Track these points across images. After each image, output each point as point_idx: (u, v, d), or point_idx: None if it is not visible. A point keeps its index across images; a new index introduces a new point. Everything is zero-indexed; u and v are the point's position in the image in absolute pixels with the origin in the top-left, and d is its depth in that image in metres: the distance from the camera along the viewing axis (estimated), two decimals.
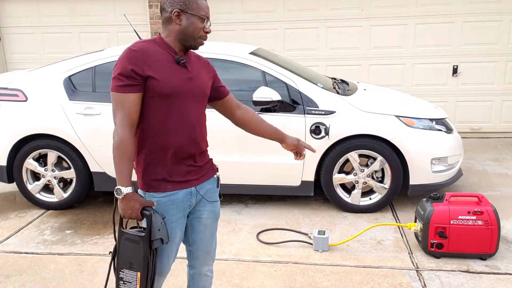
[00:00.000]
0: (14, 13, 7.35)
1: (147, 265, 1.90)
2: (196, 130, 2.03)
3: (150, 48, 1.93)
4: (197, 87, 2.02)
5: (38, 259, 3.43)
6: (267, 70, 4.07)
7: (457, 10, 6.39)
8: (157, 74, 1.90)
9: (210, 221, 2.15)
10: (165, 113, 1.94)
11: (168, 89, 1.91)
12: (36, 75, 4.32)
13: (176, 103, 1.95)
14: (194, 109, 2.01)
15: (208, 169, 2.13)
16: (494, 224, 3.16)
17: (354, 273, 3.13)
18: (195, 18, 1.95)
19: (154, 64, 1.90)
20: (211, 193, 2.13)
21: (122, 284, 1.96)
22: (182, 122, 1.97)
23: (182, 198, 2.01)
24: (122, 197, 1.87)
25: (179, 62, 1.97)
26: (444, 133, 4.08)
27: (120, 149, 1.85)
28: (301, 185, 4.09)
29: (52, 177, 4.27)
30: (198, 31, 1.97)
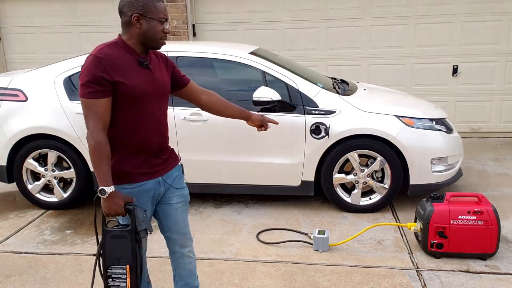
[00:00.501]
0: (14, 13, 7.34)
1: (136, 256, 2.01)
2: (162, 126, 2.18)
3: (115, 53, 2.01)
4: (160, 85, 2.15)
5: (38, 259, 3.43)
6: (267, 70, 4.07)
7: (457, 10, 6.39)
8: (125, 78, 2.00)
9: (180, 205, 2.31)
10: (134, 113, 2.07)
11: (137, 92, 2.03)
12: (36, 75, 4.32)
13: (145, 104, 2.08)
14: (160, 106, 2.16)
15: (172, 158, 2.28)
16: (494, 224, 3.15)
17: (354, 273, 3.13)
18: (154, 22, 2.05)
19: (121, 69, 2.00)
20: (178, 180, 2.29)
21: (111, 282, 2.02)
22: (151, 120, 2.11)
23: (151, 187, 2.16)
24: (106, 196, 1.96)
25: (143, 64, 2.08)
26: (444, 133, 4.08)
27: (98, 152, 1.97)
28: (301, 185, 4.09)
29: (52, 177, 4.27)
30: (158, 33, 2.07)
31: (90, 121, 1.98)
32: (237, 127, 3.96)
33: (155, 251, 3.50)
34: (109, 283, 2.02)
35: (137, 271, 2.03)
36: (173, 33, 6.86)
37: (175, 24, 6.85)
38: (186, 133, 4.05)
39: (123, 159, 2.10)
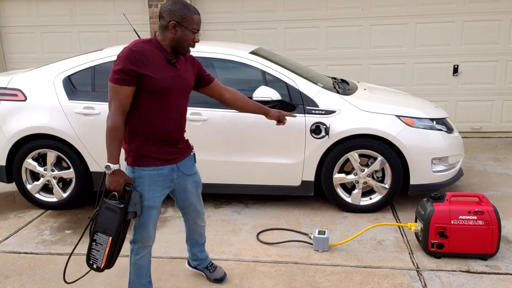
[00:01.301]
0: (14, 12, 7.34)
1: (119, 232, 2.30)
2: (181, 119, 2.46)
3: (147, 49, 2.29)
4: (183, 83, 2.42)
5: (38, 259, 3.42)
6: (267, 70, 4.06)
7: (457, 10, 6.38)
8: (152, 72, 2.27)
9: (194, 189, 2.68)
10: (156, 105, 2.34)
11: (160, 86, 2.30)
12: (35, 74, 4.31)
13: (166, 98, 2.35)
14: (180, 102, 2.43)
15: (186, 148, 2.59)
16: (495, 224, 3.14)
17: (354, 273, 3.12)
18: (188, 31, 2.33)
19: (150, 64, 2.27)
20: (190, 167, 2.61)
21: (94, 245, 2.33)
22: (170, 112, 2.38)
23: (166, 172, 2.46)
24: (110, 172, 2.24)
25: (170, 62, 2.36)
26: (444, 133, 4.07)
27: (112, 133, 2.23)
28: (301, 185, 4.08)
29: (51, 177, 4.26)
30: (189, 42, 2.36)
31: (112, 104, 2.24)
32: (237, 127, 3.95)
33: (155, 251, 3.49)
34: (92, 245, 2.34)
35: (116, 244, 2.32)
36: None
37: None
38: (186, 133, 4.04)
39: (145, 145, 2.38)
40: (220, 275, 3.02)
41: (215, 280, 3.01)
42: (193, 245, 2.96)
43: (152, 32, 6.89)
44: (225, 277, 3.04)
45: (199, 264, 3.05)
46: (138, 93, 2.29)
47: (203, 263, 3.04)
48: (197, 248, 2.97)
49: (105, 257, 2.31)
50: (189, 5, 2.35)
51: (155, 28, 6.87)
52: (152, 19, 6.86)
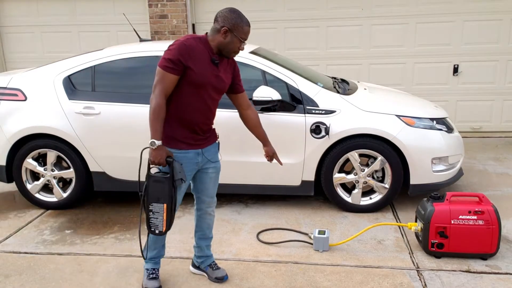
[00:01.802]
0: (14, 12, 7.34)
1: (171, 198, 2.59)
2: (211, 113, 2.73)
3: (196, 46, 2.57)
4: (220, 82, 2.68)
5: (38, 259, 3.42)
6: (267, 70, 4.06)
7: (457, 9, 6.38)
8: (195, 67, 2.55)
9: (214, 175, 2.90)
10: (193, 96, 2.62)
11: (200, 80, 2.58)
12: (35, 74, 4.31)
13: (203, 92, 2.62)
14: (214, 98, 2.70)
15: (212, 136, 2.85)
16: (495, 223, 3.14)
17: (354, 273, 3.12)
18: (236, 39, 2.58)
19: (196, 59, 2.55)
20: (213, 154, 2.87)
21: (151, 215, 2.62)
22: (203, 106, 2.66)
23: (192, 156, 2.72)
24: (155, 147, 2.51)
25: (214, 62, 2.63)
26: (444, 133, 4.07)
27: (156, 111, 2.50)
28: (301, 184, 4.08)
29: (51, 177, 4.26)
30: (234, 48, 2.62)
31: (158, 86, 2.52)
32: (237, 127, 3.94)
33: None
34: (150, 215, 2.62)
35: (171, 209, 2.61)
36: (173, 32, 6.85)
37: (175, 24, 6.84)
38: None
39: (176, 129, 2.65)
40: (222, 274, 3.04)
41: (216, 279, 3.02)
42: (200, 238, 3.04)
43: (152, 32, 6.89)
44: (226, 278, 3.04)
45: (203, 262, 3.09)
46: (180, 83, 2.56)
47: (206, 261, 3.09)
48: (204, 241, 3.05)
49: (164, 221, 2.61)
50: (243, 16, 2.59)
51: (155, 28, 6.87)
52: (152, 18, 6.86)
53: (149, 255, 2.92)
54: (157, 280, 2.94)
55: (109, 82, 4.15)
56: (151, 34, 6.91)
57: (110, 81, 4.15)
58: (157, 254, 2.94)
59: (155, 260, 2.96)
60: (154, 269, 2.97)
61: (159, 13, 6.83)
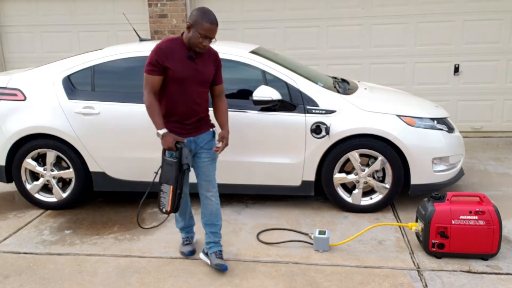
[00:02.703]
0: (13, 12, 7.33)
1: (177, 181, 2.90)
2: (197, 105, 3.00)
3: (172, 46, 2.89)
4: (199, 75, 2.96)
5: (37, 259, 3.42)
6: (267, 69, 4.05)
7: (458, 9, 6.37)
8: (173, 65, 2.87)
9: (207, 160, 3.13)
10: (176, 91, 2.93)
11: (178, 76, 2.90)
12: (35, 74, 4.30)
13: (185, 86, 2.93)
14: (198, 90, 2.98)
15: (205, 125, 3.13)
16: (496, 224, 3.13)
17: (355, 273, 3.11)
18: (196, 34, 2.83)
19: (172, 58, 2.87)
20: (207, 141, 3.13)
21: (161, 194, 2.95)
22: (186, 99, 2.96)
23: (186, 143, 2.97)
24: (161, 136, 2.87)
25: (190, 57, 2.92)
26: (445, 133, 4.06)
27: (150, 109, 2.89)
28: (302, 185, 4.07)
29: (51, 177, 4.25)
30: (197, 43, 2.86)
31: (145, 88, 2.90)
32: (237, 127, 3.94)
33: (154, 251, 3.48)
34: (160, 194, 2.96)
35: (176, 192, 2.90)
36: (173, 31, 6.85)
37: (175, 23, 6.84)
38: None
39: (169, 121, 2.99)
40: (221, 263, 3.12)
41: (215, 265, 3.11)
42: (206, 224, 3.21)
43: (152, 31, 6.88)
44: (224, 268, 3.10)
45: (210, 247, 3.22)
46: (165, 81, 2.90)
47: (213, 248, 3.22)
48: (208, 228, 3.20)
49: (169, 202, 2.90)
50: (209, 14, 2.81)
51: (155, 28, 6.87)
52: (152, 18, 6.85)
53: (179, 225, 3.38)
54: (190, 245, 3.36)
55: (108, 81, 4.14)
56: (151, 33, 6.90)
57: (110, 80, 4.14)
58: (187, 224, 3.37)
59: (186, 230, 3.40)
60: (187, 237, 3.41)
61: (158, 13, 6.82)
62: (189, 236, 3.43)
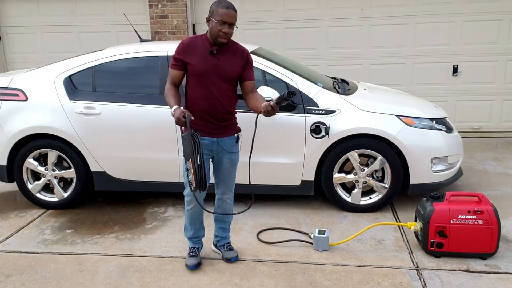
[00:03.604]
0: (14, 12, 7.35)
1: (193, 154, 2.79)
2: (218, 101, 2.96)
3: (195, 41, 2.96)
4: (221, 70, 2.93)
5: (39, 259, 3.43)
6: (267, 70, 4.07)
7: (457, 10, 6.39)
8: (193, 60, 2.93)
9: (228, 165, 3.13)
10: (197, 86, 2.95)
11: (197, 70, 2.92)
12: (36, 74, 4.32)
13: (205, 80, 2.93)
14: (219, 85, 2.95)
15: (230, 129, 3.10)
16: (494, 223, 3.15)
17: (354, 273, 3.13)
18: (215, 23, 2.84)
19: (193, 53, 2.93)
20: (229, 146, 3.10)
21: (187, 172, 2.85)
22: (207, 93, 2.95)
23: (207, 143, 3.02)
24: (172, 112, 2.83)
25: (211, 52, 2.93)
26: (444, 133, 4.08)
27: (166, 93, 2.96)
28: (301, 184, 4.09)
29: (52, 177, 4.27)
30: (217, 32, 2.85)
31: (168, 79, 3.01)
32: None
33: (155, 251, 3.50)
34: (188, 173, 2.85)
35: (195, 165, 2.78)
36: (173, 32, 6.86)
37: (175, 24, 6.85)
38: None
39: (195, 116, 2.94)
40: (230, 255, 3.30)
41: (226, 259, 3.29)
42: (218, 220, 3.33)
43: (153, 32, 6.90)
44: (234, 259, 3.29)
45: (219, 241, 3.39)
46: (187, 77, 2.97)
47: (221, 241, 3.38)
48: (219, 223, 3.34)
49: (194, 178, 2.80)
50: (223, 1, 2.85)
51: (155, 28, 6.88)
52: (153, 19, 6.87)
53: (187, 234, 3.26)
54: (195, 258, 3.24)
55: (109, 82, 4.16)
56: (152, 34, 6.92)
57: (111, 81, 4.16)
58: (196, 234, 3.26)
59: (194, 240, 3.28)
60: (194, 248, 3.29)
61: (159, 14, 6.84)
62: (196, 247, 3.29)
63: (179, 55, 2.94)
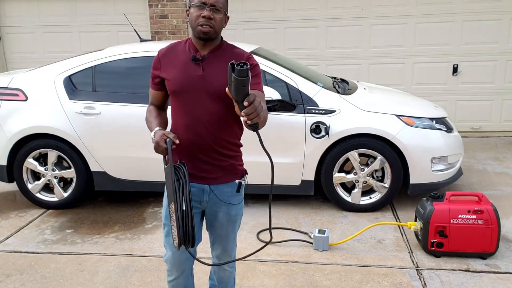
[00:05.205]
0: (14, 12, 7.35)
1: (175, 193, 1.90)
2: (206, 128, 2.02)
3: (174, 49, 2.09)
4: (208, 84, 2.00)
5: (39, 259, 3.44)
6: (267, 70, 4.07)
7: (457, 9, 6.39)
8: (169, 74, 2.05)
9: (225, 222, 2.17)
10: (178, 109, 2.06)
11: (174, 87, 2.03)
12: (36, 74, 4.32)
13: (184, 100, 2.03)
14: (206, 106, 2.01)
15: (228, 172, 2.12)
16: (494, 223, 3.15)
17: (354, 272, 3.13)
18: (193, 9, 1.97)
19: (170, 64, 2.06)
20: (227, 196, 2.13)
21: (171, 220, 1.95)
22: (190, 119, 2.02)
23: (195, 191, 2.08)
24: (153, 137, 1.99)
25: (193, 59, 2.02)
26: (444, 132, 4.08)
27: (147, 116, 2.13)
28: (301, 184, 4.09)
29: (52, 177, 4.27)
30: (195, 19, 1.96)
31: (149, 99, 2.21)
32: None
33: (155, 250, 3.50)
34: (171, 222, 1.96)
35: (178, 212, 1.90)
36: (173, 32, 6.86)
37: (175, 24, 6.85)
38: None
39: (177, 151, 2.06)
40: None
41: None
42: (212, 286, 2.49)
43: (153, 32, 6.90)
44: None
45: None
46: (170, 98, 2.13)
47: None
48: None
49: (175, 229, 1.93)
50: None
51: (155, 28, 6.88)
52: (153, 19, 6.87)
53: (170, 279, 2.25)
54: None
55: (109, 82, 4.16)
56: (152, 34, 6.92)
57: (111, 81, 4.16)
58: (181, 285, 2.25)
59: None
60: None
61: (159, 13, 6.84)
62: None
63: (154, 70, 2.11)
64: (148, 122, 2.11)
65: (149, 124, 2.09)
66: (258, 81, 2.04)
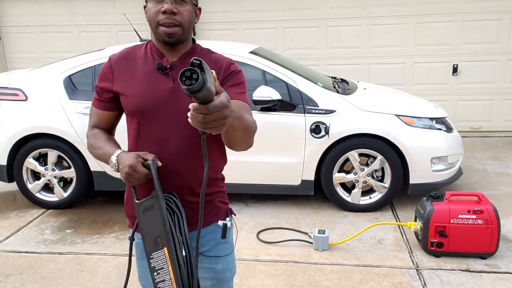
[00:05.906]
0: (14, 12, 7.35)
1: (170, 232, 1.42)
2: (179, 160, 1.53)
3: (131, 55, 1.60)
4: (182, 100, 1.49)
5: (38, 259, 3.43)
6: (267, 69, 4.07)
7: (457, 9, 6.38)
8: (125, 88, 1.55)
9: (210, 283, 1.63)
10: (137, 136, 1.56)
11: (134, 104, 1.52)
12: (36, 74, 4.32)
13: (149, 123, 1.52)
14: (177, 131, 1.52)
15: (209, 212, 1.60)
16: (494, 223, 3.15)
17: (354, 272, 3.13)
18: (150, 3, 1.53)
19: (126, 76, 1.57)
20: (209, 244, 1.60)
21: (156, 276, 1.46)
22: (157, 147, 1.52)
23: None
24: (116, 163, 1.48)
25: (158, 67, 1.54)
26: (444, 132, 4.08)
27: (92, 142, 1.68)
28: (301, 184, 4.09)
29: (52, 177, 4.27)
30: (155, 16, 1.50)
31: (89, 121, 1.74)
32: None
33: None
34: (156, 280, 1.46)
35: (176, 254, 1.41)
36: None
37: None
38: None
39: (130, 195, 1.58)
40: None
41: None
42: None
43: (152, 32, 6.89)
44: None
45: None
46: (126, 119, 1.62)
47: None
48: None
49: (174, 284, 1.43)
50: None
51: None
52: None
53: None
54: None
55: None
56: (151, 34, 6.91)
57: None
58: None
59: None
60: None
61: None
62: None
63: (103, 82, 1.59)
64: (96, 149, 1.60)
65: (99, 151, 1.58)
66: (242, 90, 1.59)
